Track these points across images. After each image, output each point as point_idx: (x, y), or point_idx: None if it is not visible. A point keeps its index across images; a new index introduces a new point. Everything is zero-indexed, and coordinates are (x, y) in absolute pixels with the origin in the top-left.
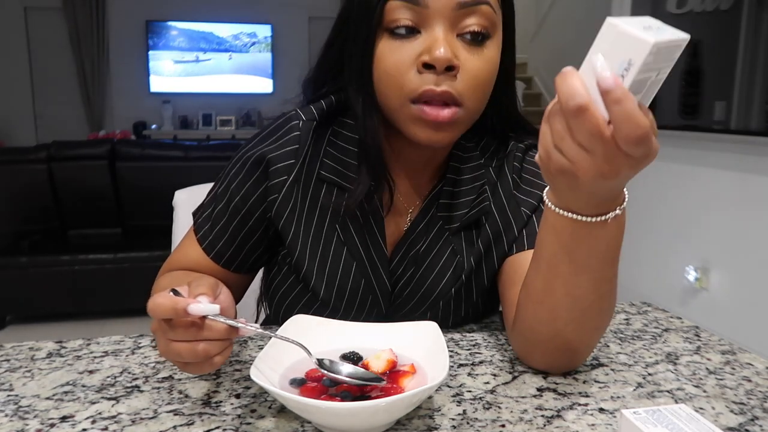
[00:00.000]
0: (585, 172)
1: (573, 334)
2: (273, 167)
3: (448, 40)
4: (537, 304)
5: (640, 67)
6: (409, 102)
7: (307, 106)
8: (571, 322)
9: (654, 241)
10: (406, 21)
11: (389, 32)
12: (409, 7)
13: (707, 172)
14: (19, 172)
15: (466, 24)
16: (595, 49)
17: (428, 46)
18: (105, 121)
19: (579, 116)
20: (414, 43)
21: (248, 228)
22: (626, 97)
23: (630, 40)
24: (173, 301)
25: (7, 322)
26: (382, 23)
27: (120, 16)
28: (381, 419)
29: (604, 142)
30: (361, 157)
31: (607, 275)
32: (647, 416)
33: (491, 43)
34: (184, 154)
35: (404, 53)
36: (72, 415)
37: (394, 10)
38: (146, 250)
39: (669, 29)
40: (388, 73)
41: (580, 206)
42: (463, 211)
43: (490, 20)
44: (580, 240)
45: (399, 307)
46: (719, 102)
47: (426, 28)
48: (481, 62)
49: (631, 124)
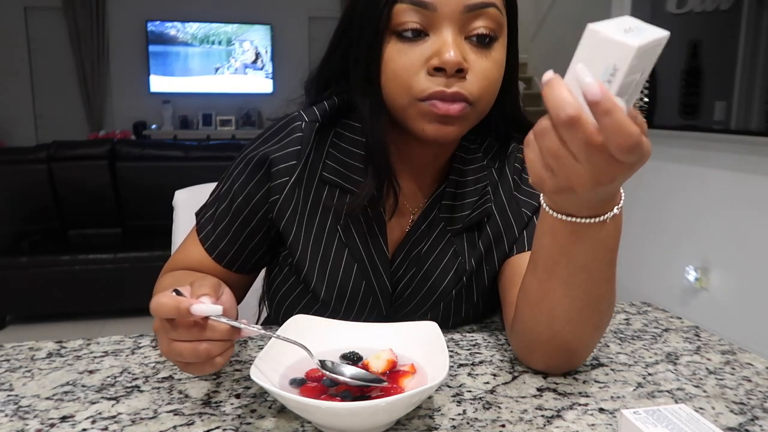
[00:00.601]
0: (581, 185)
1: (572, 335)
2: (275, 168)
3: (456, 42)
4: (535, 306)
5: (626, 72)
6: (418, 101)
7: (309, 107)
8: (569, 323)
9: (654, 241)
10: (414, 24)
11: (397, 35)
12: (417, 10)
13: (707, 172)
14: (19, 172)
15: (474, 26)
16: (577, 58)
17: (437, 50)
18: (105, 121)
19: (572, 127)
20: (422, 46)
21: (250, 228)
22: (615, 108)
23: (613, 46)
24: (176, 301)
25: (7, 322)
26: (390, 26)
27: (120, 16)
28: (381, 419)
29: (599, 151)
30: (367, 159)
31: (605, 275)
32: (647, 416)
33: (498, 44)
34: (184, 154)
35: (413, 56)
36: (72, 415)
37: (402, 13)
38: (146, 250)
39: (649, 28)
40: (397, 75)
41: (578, 210)
42: (465, 213)
43: (497, 22)
44: (578, 241)
45: (399, 308)
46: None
47: (434, 31)
48: (489, 63)
49: (622, 135)
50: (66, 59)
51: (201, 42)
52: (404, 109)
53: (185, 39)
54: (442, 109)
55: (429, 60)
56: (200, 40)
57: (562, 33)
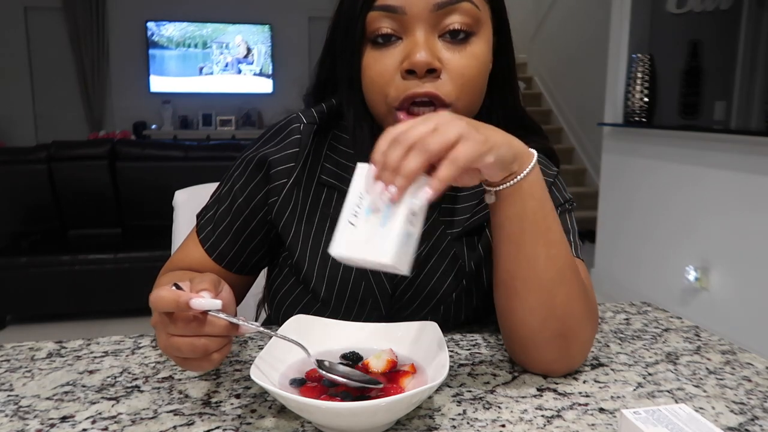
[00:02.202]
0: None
1: (559, 310)
2: (274, 170)
3: (428, 42)
4: (512, 295)
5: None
6: (395, 110)
7: (308, 109)
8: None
9: (654, 241)
10: (387, 29)
11: (372, 42)
12: (388, 15)
13: (707, 172)
14: (19, 172)
15: (447, 23)
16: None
17: (408, 52)
18: (105, 121)
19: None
20: (396, 50)
21: (250, 229)
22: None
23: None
24: (176, 294)
25: (7, 322)
26: (366, 34)
27: (120, 16)
28: (381, 419)
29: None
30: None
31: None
32: (647, 416)
33: (477, 39)
34: (184, 154)
35: (387, 61)
36: (72, 415)
37: (375, 20)
38: (146, 250)
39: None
40: (374, 83)
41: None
42: (464, 216)
43: (472, 17)
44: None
45: (399, 311)
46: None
47: (407, 34)
48: (466, 59)
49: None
50: (66, 59)
51: (201, 42)
52: (384, 117)
53: (185, 39)
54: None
55: (402, 64)
56: (200, 40)
57: (562, 33)
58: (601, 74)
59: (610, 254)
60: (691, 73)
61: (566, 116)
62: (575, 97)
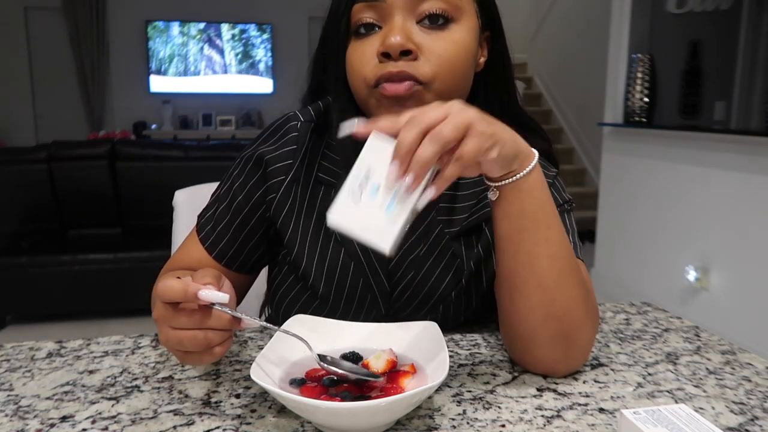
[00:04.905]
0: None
1: (560, 309)
2: (272, 167)
3: (404, 27)
4: (512, 294)
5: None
6: (372, 89)
7: (305, 107)
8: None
9: (654, 241)
10: (368, 19)
11: (355, 34)
12: (371, 5)
13: (707, 172)
14: (19, 172)
15: (423, 9)
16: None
17: (383, 36)
18: (105, 121)
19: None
20: (375, 37)
21: (250, 227)
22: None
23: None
24: (185, 284)
25: (7, 322)
26: (350, 28)
27: (120, 16)
28: (381, 419)
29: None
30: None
31: (551, 238)
32: (647, 416)
33: (457, 27)
34: (184, 154)
35: (366, 48)
36: (72, 415)
37: (359, 12)
38: (146, 250)
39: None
40: (354, 69)
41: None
42: (462, 216)
43: (450, 4)
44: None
45: (399, 310)
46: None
47: (386, 22)
48: (444, 43)
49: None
50: (66, 59)
51: (201, 42)
52: (366, 102)
53: (185, 39)
54: (390, 90)
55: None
56: (200, 40)
57: (562, 33)
58: (601, 74)
59: (610, 254)
60: (691, 73)
61: (566, 116)
62: (575, 97)
